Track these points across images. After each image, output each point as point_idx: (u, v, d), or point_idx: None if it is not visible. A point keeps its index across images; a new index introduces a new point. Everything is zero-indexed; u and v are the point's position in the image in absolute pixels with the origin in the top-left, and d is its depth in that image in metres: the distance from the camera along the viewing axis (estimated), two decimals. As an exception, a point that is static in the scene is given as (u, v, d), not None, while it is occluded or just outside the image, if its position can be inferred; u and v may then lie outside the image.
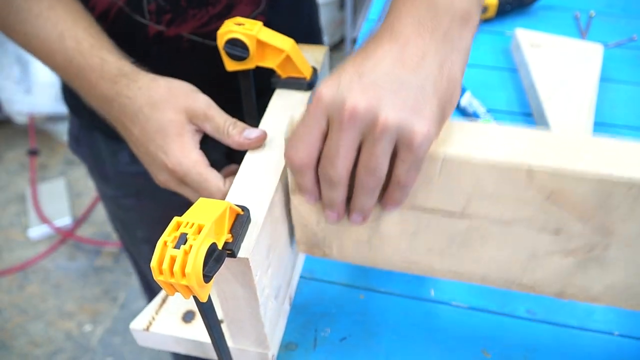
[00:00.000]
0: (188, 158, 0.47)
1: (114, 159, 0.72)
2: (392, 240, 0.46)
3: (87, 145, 0.74)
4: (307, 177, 0.39)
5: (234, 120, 0.48)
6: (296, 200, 0.45)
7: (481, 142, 0.39)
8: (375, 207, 0.41)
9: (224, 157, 0.78)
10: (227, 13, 0.60)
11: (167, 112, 0.47)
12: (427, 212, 0.42)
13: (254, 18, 0.60)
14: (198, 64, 0.62)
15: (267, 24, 0.54)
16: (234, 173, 0.45)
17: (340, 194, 0.39)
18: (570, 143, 0.39)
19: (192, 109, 0.48)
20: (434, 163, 0.38)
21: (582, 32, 0.87)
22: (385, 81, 0.35)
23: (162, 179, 0.49)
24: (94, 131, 0.71)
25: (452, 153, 0.38)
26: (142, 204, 0.76)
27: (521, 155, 0.37)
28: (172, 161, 0.47)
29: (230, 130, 0.47)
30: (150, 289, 0.95)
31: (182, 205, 0.77)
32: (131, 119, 0.48)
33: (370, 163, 0.36)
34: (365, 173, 0.37)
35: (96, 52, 0.50)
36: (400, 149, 0.36)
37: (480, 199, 0.40)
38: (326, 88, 0.36)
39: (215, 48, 0.56)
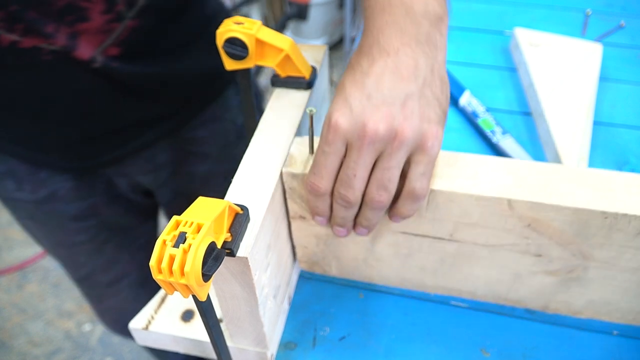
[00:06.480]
0: None
1: (1, 185, 0.69)
2: (387, 260, 0.49)
3: None
4: (326, 201, 0.41)
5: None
6: (295, 225, 0.48)
7: (466, 175, 0.41)
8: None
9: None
10: (73, 46, 0.54)
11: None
12: (418, 237, 0.45)
13: (106, 51, 0.56)
14: (63, 80, 0.57)
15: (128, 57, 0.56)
16: None
17: (353, 212, 0.41)
18: (548, 174, 0.41)
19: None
20: None
21: (583, 29, 0.87)
22: (392, 97, 0.37)
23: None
24: None
25: (438, 187, 0.41)
26: (39, 228, 0.76)
27: (502, 188, 0.41)
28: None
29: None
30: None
31: (80, 230, 0.75)
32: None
33: (384, 178, 0.38)
34: (378, 189, 0.38)
35: None
36: (414, 154, 0.38)
37: (467, 227, 0.43)
38: (341, 116, 0.37)
39: (84, 62, 0.55)
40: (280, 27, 2.07)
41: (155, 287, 0.91)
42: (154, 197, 0.84)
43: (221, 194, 0.41)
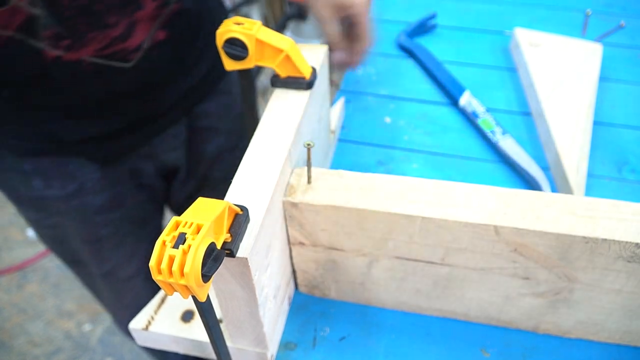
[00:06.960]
0: None
1: (27, 185, 0.69)
2: (383, 284, 0.51)
3: None
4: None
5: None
6: (296, 251, 0.50)
7: (455, 203, 0.44)
8: (369, 255, 0.48)
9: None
10: (129, 34, 0.60)
11: None
12: (412, 261, 0.47)
13: (154, 36, 0.62)
14: (102, 84, 0.62)
15: (169, 40, 0.62)
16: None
17: None
18: (533, 201, 0.44)
19: None
20: (413, 222, 0.44)
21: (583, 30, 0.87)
22: None
23: None
24: (2, 151, 0.67)
25: (430, 214, 0.43)
26: (67, 224, 0.75)
27: (489, 215, 0.43)
28: None
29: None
30: (100, 298, 0.93)
31: (106, 223, 0.77)
32: None
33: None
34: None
35: None
36: None
37: (457, 252, 0.45)
38: None
39: (121, 68, 0.61)
40: (280, 27, 2.06)
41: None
42: (174, 178, 0.86)
43: (230, 170, 0.43)
